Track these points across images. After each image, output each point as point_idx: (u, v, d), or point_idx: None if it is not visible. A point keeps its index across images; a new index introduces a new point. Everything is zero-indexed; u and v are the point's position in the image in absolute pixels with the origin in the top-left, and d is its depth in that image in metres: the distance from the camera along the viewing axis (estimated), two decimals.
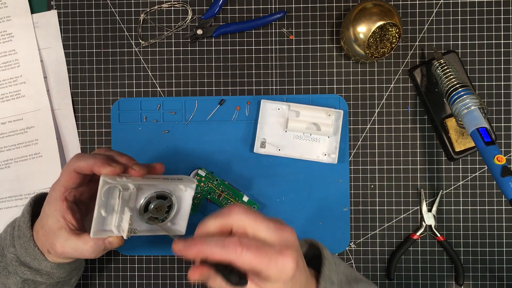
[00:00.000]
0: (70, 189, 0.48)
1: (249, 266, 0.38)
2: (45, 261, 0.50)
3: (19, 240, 0.50)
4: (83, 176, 0.47)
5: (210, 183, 0.60)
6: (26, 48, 0.62)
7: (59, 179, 0.48)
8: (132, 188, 0.45)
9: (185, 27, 0.62)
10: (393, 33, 0.55)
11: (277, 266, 0.38)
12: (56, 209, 0.48)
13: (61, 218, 0.48)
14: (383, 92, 0.61)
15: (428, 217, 0.60)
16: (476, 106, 0.52)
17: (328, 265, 0.45)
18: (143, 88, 0.62)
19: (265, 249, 0.38)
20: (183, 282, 0.62)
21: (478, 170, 0.61)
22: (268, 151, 0.60)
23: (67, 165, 0.47)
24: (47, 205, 0.49)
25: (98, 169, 0.45)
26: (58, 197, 0.48)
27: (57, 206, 0.48)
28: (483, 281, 0.61)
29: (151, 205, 0.47)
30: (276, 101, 0.60)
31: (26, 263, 0.50)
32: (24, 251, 0.50)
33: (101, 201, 0.45)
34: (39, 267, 0.50)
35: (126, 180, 0.45)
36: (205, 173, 0.60)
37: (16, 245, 0.50)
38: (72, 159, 0.47)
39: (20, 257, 0.50)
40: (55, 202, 0.48)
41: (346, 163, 0.61)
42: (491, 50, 0.61)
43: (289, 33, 0.62)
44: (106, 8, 0.62)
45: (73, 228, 0.48)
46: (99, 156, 0.46)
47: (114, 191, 0.46)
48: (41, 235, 0.49)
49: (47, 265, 0.50)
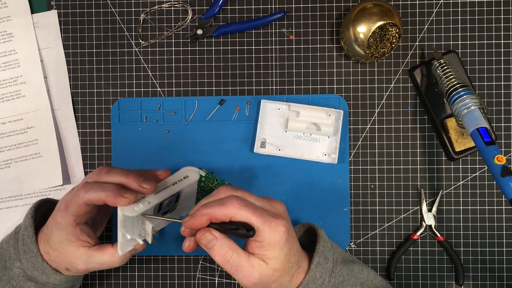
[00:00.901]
0: (80, 217, 0.47)
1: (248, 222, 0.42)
2: (55, 275, 0.50)
3: (25, 255, 0.50)
4: (93, 206, 0.47)
5: (210, 183, 0.60)
6: (26, 48, 0.62)
7: (67, 207, 0.47)
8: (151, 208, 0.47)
9: (185, 27, 0.62)
10: (393, 33, 0.55)
11: (271, 227, 0.42)
12: (69, 233, 0.47)
13: (77, 240, 0.48)
14: (383, 92, 0.61)
15: (428, 217, 0.60)
16: (476, 106, 0.52)
17: (323, 242, 0.49)
18: (143, 88, 0.62)
19: (260, 210, 0.43)
20: (183, 282, 0.62)
21: (478, 170, 0.61)
22: (268, 151, 0.60)
23: (76, 195, 0.46)
24: (57, 230, 0.48)
25: (112, 202, 0.45)
26: (69, 224, 0.47)
27: (69, 231, 0.47)
28: (483, 281, 0.61)
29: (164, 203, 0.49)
30: (276, 101, 0.60)
31: (34, 277, 0.50)
32: (31, 266, 0.49)
33: (123, 228, 0.46)
34: (47, 280, 0.50)
35: (143, 207, 0.46)
36: (205, 173, 0.60)
37: (23, 260, 0.50)
38: (80, 190, 0.46)
39: (27, 271, 0.50)
40: (66, 228, 0.47)
41: (346, 163, 0.61)
42: (491, 50, 0.61)
43: (289, 33, 0.62)
44: (106, 8, 0.62)
45: (90, 245, 0.49)
46: (109, 187, 0.45)
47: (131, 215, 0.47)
48: (54, 256, 0.49)
49: (57, 278, 0.50)
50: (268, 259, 0.43)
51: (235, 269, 0.43)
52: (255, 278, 0.43)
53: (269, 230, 0.42)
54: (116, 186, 0.46)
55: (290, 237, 0.44)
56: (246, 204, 0.43)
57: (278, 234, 0.43)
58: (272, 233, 0.42)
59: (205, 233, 0.43)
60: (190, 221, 0.44)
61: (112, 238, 0.62)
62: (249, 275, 0.43)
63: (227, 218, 0.43)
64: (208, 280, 0.61)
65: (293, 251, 0.45)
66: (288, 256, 0.44)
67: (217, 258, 0.43)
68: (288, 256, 0.44)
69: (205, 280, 0.61)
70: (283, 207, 0.47)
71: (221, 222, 0.43)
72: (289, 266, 0.44)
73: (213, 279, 0.61)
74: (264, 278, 0.43)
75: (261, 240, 0.43)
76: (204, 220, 0.43)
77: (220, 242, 0.43)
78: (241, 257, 0.43)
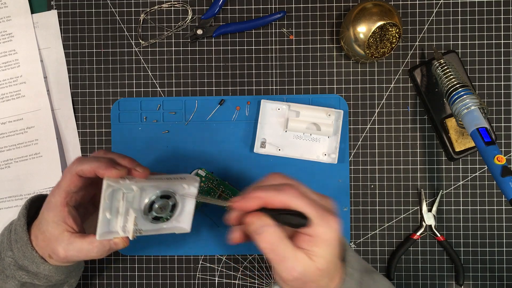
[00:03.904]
0: (71, 193, 0.47)
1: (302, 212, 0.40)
2: (44, 264, 0.49)
3: (17, 244, 0.50)
4: (85, 180, 0.47)
5: (210, 183, 0.60)
6: (26, 48, 0.62)
7: (59, 184, 0.47)
8: (136, 189, 0.45)
9: (185, 27, 0.62)
10: (393, 33, 0.55)
11: (327, 223, 0.40)
12: (57, 215, 0.47)
13: (63, 223, 0.47)
14: (383, 92, 0.61)
15: (428, 217, 0.60)
16: (476, 106, 0.52)
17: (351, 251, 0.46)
18: (143, 88, 0.62)
19: (317, 203, 0.41)
20: (183, 282, 0.62)
21: (478, 170, 0.61)
22: (268, 151, 0.60)
23: (69, 169, 0.47)
24: (47, 211, 0.48)
25: (102, 172, 0.44)
26: (59, 202, 0.47)
27: (58, 211, 0.47)
28: (483, 281, 0.61)
29: (155, 205, 0.47)
30: (276, 101, 0.60)
31: (24, 266, 0.50)
32: (22, 255, 0.50)
33: (105, 204, 0.45)
34: (37, 270, 0.50)
35: (130, 182, 0.45)
36: (205, 173, 0.60)
37: (14, 249, 0.50)
38: (74, 162, 0.47)
39: (18, 260, 0.50)
40: (55, 208, 0.47)
41: (346, 163, 0.61)
42: (491, 50, 0.61)
43: (289, 33, 0.62)
44: (106, 8, 0.62)
45: (74, 231, 0.48)
46: (102, 159, 0.46)
47: (117, 193, 0.46)
48: (40, 240, 0.49)
49: (46, 268, 0.50)
50: (315, 256, 0.41)
51: (279, 259, 0.40)
52: (297, 272, 0.40)
53: (324, 225, 0.40)
54: (109, 159, 0.46)
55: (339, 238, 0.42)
56: (304, 194, 0.40)
57: (332, 232, 0.40)
58: (327, 229, 0.40)
59: (257, 217, 0.41)
60: (240, 202, 0.41)
61: None
62: (292, 269, 0.40)
63: (282, 204, 0.40)
64: (208, 280, 0.61)
65: (337, 255, 0.42)
66: (334, 258, 0.42)
67: (264, 245, 0.41)
68: (335, 257, 0.42)
69: (205, 280, 0.61)
70: (334, 205, 0.44)
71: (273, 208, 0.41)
72: (332, 268, 0.42)
73: (213, 279, 0.61)
74: (306, 275, 0.41)
75: (313, 234, 0.40)
76: (256, 203, 0.41)
77: (272, 230, 0.40)
78: (288, 249, 0.40)
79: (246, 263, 0.61)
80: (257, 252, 0.61)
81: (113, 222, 0.47)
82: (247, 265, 0.61)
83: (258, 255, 0.61)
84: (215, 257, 0.62)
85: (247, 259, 0.61)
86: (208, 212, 0.61)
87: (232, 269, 0.61)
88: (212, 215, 0.61)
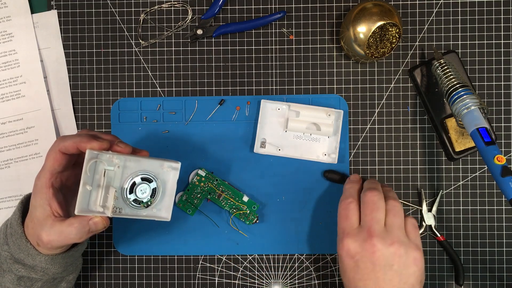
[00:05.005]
0: (56, 174, 0.47)
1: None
2: (39, 256, 0.49)
3: (12, 238, 0.50)
4: (68, 157, 0.47)
5: (210, 183, 0.60)
6: (26, 48, 0.62)
7: (44, 166, 0.48)
8: (117, 162, 0.46)
9: (185, 27, 0.62)
10: (393, 33, 0.55)
11: (412, 254, 0.50)
12: (42, 198, 0.47)
13: (47, 206, 0.47)
14: (383, 92, 0.61)
15: (428, 217, 0.60)
16: (476, 106, 0.52)
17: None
18: (143, 88, 0.62)
19: (405, 241, 0.51)
20: (183, 282, 0.62)
21: (478, 170, 0.61)
22: (268, 151, 0.60)
23: (51, 148, 0.47)
24: (34, 196, 0.48)
25: (84, 145, 0.45)
26: (44, 184, 0.47)
27: (43, 194, 0.47)
28: (483, 281, 0.61)
29: (136, 187, 0.48)
30: (276, 101, 0.60)
31: (20, 260, 0.50)
32: (17, 248, 0.50)
33: (86, 176, 0.45)
34: (33, 263, 0.50)
35: (112, 153, 0.46)
36: (205, 173, 0.60)
37: (9, 243, 0.50)
38: (56, 141, 0.47)
39: (14, 254, 0.50)
40: (41, 190, 0.47)
41: (346, 163, 0.61)
42: (491, 50, 0.61)
43: (289, 33, 0.62)
44: (106, 8, 0.62)
45: (58, 216, 0.48)
46: (84, 134, 0.46)
47: (99, 168, 0.46)
48: (30, 228, 0.49)
49: (41, 260, 0.50)
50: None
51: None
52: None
53: (410, 253, 0.51)
54: (92, 134, 0.47)
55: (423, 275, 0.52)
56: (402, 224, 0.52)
57: (417, 264, 0.51)
58: (413, 259, 0.51)
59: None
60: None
61: (113, 238, 0.62)
62: None
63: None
64: (208, 280, 0.61)
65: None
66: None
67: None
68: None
69: (205, 280, 0.61)
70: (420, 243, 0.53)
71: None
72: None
73: (213, 279, 0.61)
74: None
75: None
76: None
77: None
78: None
79: (246, 263, 0.61)
80: (257, 252, 0.61)
81: (93, 201, 0.47)
82: (247, 265, 0.61)
83: (258, 255, 0.61)
84: (215, 257, 0.62)
85: (247, 259, 0.61)
86: (208, 212, 0.61)
87: (232, 269, 0.61)
88: (212, 215, 0.61)
